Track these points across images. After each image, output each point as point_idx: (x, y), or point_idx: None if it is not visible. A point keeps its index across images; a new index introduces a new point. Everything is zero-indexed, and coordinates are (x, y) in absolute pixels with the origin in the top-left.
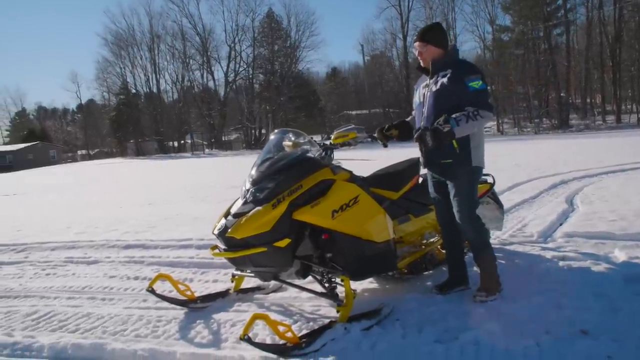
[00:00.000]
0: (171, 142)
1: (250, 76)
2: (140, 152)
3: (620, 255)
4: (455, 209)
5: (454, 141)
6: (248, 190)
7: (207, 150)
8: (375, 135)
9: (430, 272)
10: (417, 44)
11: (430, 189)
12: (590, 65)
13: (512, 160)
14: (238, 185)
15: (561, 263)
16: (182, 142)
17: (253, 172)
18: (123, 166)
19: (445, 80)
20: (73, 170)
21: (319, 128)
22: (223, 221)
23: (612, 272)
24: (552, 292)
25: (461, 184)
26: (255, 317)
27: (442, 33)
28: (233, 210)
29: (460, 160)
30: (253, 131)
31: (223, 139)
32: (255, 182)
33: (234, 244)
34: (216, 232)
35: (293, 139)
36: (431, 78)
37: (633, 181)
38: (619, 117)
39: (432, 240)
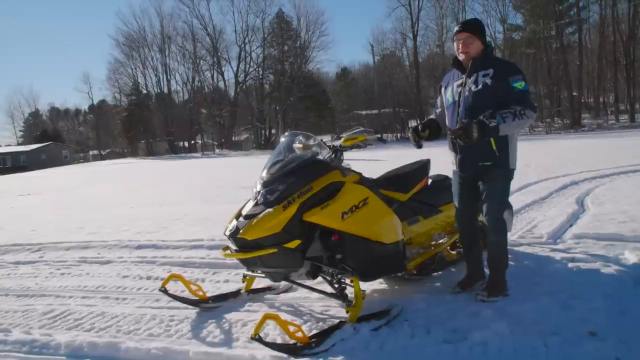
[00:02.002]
0: (182, 142)
1: (260, 76)
2: (151, 152)
3: (630, 257)
4: (484, 211)
5: (493, 143)
6: (259, 192)
7: (217, 151)
8: (409, 136)
9: (439, 273)
10: (463, 34)
11: (456, 190)
12: (603, 63)
13: (523, 161)
14: (248, 186)
15: (570, 264)
16: (193, 142)
17: (264, 174)
18: (134, 166)
19: (488, 80)
20: (85, 171)
21: (329, 128)
22: (234, 222)
23: (622, 274)
24: (560, 294)
25: (497, 186)
26: (266, 317)
27: (485, 28)
28: (244, 212)
29: (500, 163)
30: (263, 131)
31: (233, 139)
32: (266, 184)
33: (246, 245)
34: (228, 233)
35: (303, 141)
36: (469, 76)
37: None
38: (632, 117)
39: (441, 241)
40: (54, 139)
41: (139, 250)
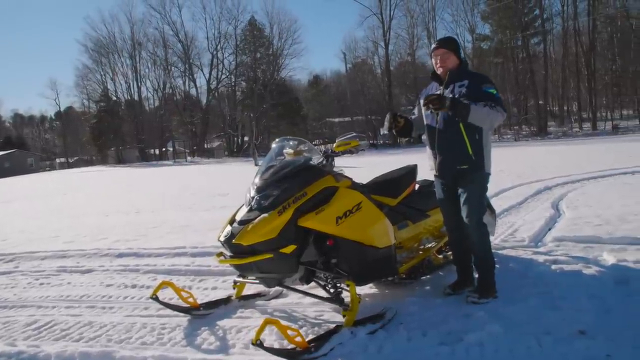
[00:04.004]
0: (153, 150)
1: (233, 84)
2: (121, 160)
3: (608, 258)
4: (464, 214)
5: (469, 147)
6: (253, 197)
7: (189, 158)
8: (388, 117)
9: (428, 276)
10: (440, 51)
11: (440, 197)
12: (567, 73)
13: (496, 167)
14: (223, 193)
15: (553, 266)
16: (164, 149)
17: (257, 180)
18: (105, 174)
19: (464, 90)
20: (54, 178)
21: (301, 135)
22: (229, 228)
23: (603, 275)
24: (547, 295)
25: (474, 189)
26: (267, 322)
27: (459, 45)
28: (238, 218)
29: (476, 166)
30: (235, 139)
31: (205, 147)
32: (259, 190)
33: (241, 251)
34: (222, 239)
35: (295, 146)
36: (446, 87)
37: (613, 186)
38: (594, 125)
39: (429, 245)
40: (18, 146)
41: (120, 259)
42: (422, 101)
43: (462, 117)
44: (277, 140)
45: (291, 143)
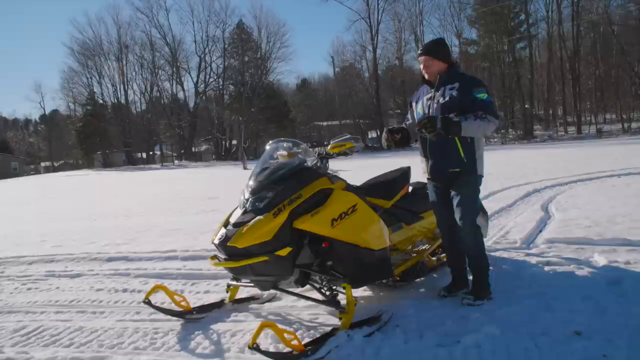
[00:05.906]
0: (140, 154)
1: (221, 87)
2: (107, 164)
3: (599, 259)
4: (458, 216)
5: (460, 150)
6: (247, 199)
7: (176, 162)
8: (384, 136)
9: (422, 279)
10: (422, 58)
11: (432, 197)
12: (552, 78)
13: (486, 170)
14: (213, 197)
15: (546, 268)
16: (151, 153)
17: (251, 182)
18: (91, 178)
19: (454, 92)
20: (39, 182)
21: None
22: (223, 230)
23: (595, 276)
24: (541, 296)
25: (467, 192)
26: (264, 325)
27: (446, 48)
28: (233, 220)
29: (468, 169)
30: (223, 142)
31: (193, 150)
32: (254, 192)
33: (236, 253)
34: (217, 241)
35: (289, 148)
36: (437, 90)
37: (601, 189)
38: (579, 128)
39: (422, 248)
40: (1, 150)
41: (110, 263)
42: (414, 104)
43: (455, 134)
44: (271, 142)
45: (285, 145)
